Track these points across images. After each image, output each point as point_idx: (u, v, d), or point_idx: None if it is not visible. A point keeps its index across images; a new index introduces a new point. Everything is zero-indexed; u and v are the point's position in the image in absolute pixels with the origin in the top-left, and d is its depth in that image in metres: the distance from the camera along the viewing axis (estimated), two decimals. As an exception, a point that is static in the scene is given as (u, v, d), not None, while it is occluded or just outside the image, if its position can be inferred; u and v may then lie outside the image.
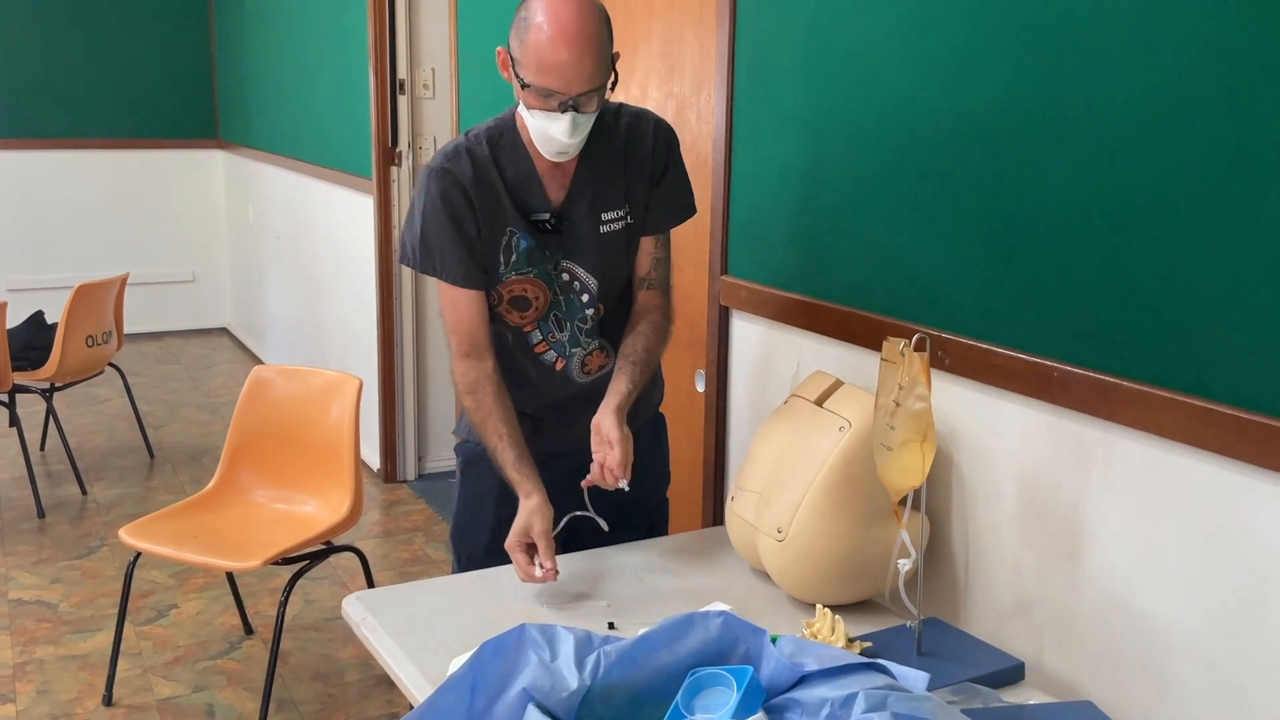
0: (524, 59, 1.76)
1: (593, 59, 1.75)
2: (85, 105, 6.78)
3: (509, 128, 1.94)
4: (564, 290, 1.98)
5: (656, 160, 1.98)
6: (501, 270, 1.95)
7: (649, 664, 1.28)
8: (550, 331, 2.01)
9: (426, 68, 4.55)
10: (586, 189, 1.94)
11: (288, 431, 3.09)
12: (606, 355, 2.04)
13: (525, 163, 1.92)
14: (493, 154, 1.92)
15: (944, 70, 1.77)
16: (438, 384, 4.72)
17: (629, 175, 1.97)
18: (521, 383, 2.03)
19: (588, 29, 1.74)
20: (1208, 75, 1.40)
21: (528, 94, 1.78)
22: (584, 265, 1.97)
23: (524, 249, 1.93)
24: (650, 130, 1.98)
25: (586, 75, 1.75)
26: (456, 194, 1.90)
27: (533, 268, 1.95)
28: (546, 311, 1.99)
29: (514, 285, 1.96)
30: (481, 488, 2.10)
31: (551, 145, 1.83)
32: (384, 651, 1.66)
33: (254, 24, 6.15)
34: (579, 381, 2.04)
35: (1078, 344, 1.59)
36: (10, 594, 3.62)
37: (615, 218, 1.97)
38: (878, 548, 1.77)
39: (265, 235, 6.31)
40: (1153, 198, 1.48)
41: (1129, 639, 1.57)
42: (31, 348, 4.50)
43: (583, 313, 2.00)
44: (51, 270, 6.72)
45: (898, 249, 1.89)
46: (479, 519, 2.11)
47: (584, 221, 1.95)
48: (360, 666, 3.20)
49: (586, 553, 1.98)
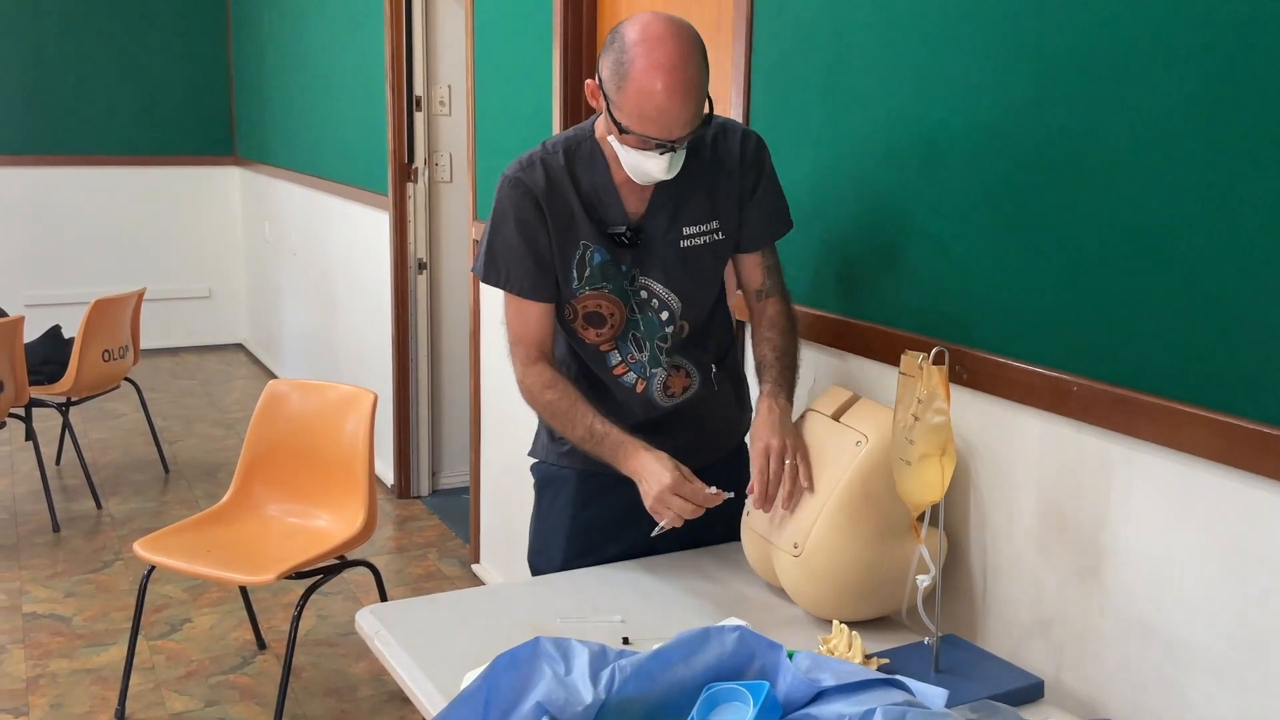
0: (622, 105, 1.71)
1: (695, 104, 1.70)
2: (105, 122, 6.84)
3: (588, 137, 1.88)
4: (642, 308, 1.92)
5: (747, 171, 1.91)
6: (575, 285, 1.89)
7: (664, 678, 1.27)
8: (629, 352, 1.94)
9: (443, 85, 4.57)
10: (668, 202, 1.88)
11: (302, 445, 3.08)
12: (689, 377, 1.98)
13: (603, 174, 1.87)
14: (569, 164, 1.86)
15: (963, 87, 1.76)
16: (452, 400, 4.72)
17: (717, 187, 1.90)
18: (603, 400, 1.95)
19: (690, 75, 1.68)
20: (1234, 88, 1.39)
21: (625, 135, 1.74)
22: (663, 281, 1.91)
23: (598, 263, 1.88)
24: (739, 140, 1.91)
25: (688, 120, 1.71)
26: (527, 204, 1.85)
27: (607, 283, 1.89)
28: (624, 330, 1.93)
29: (588, 301, 1.90)
30: (557, 507, 2.07)
31: (645, 177, 1.79)
32: (397, 665, 1.65)
33: (272, 43, 6.19)
34: (661, 405, 1.98)
35: (1097, 358, 1.58)
36: (25, 607, 3.62)
37: (700, 231, 1.91)
38: (895, 564, 1.75)
39: (281, 251, 6.33)
40: (1175, 211, 1.47)
41: (1150, 658, 1.55)
42: (49, 362, 4.52)
43: (662, 331, 1.93)
44: (69, 285, 6.76)
45: (915, 263, 1.88)
46: (555, 539, 2.07)
47: (664, 235, 1.89)
48: (373, 682, 3.19)
49: (599, 569, 1.97)
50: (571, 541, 2.04)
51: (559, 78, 3.03)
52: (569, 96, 3.03)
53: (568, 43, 3.01)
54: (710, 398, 2.00)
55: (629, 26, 1.72)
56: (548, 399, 1.90)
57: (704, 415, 1.96)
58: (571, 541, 2.04)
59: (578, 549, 2.03)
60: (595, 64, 3.04)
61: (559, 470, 2.06)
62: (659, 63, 1.67)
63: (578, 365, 1.99)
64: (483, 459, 3.85)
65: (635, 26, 1.71)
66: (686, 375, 1.98)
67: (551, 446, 2.07)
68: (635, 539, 1.93)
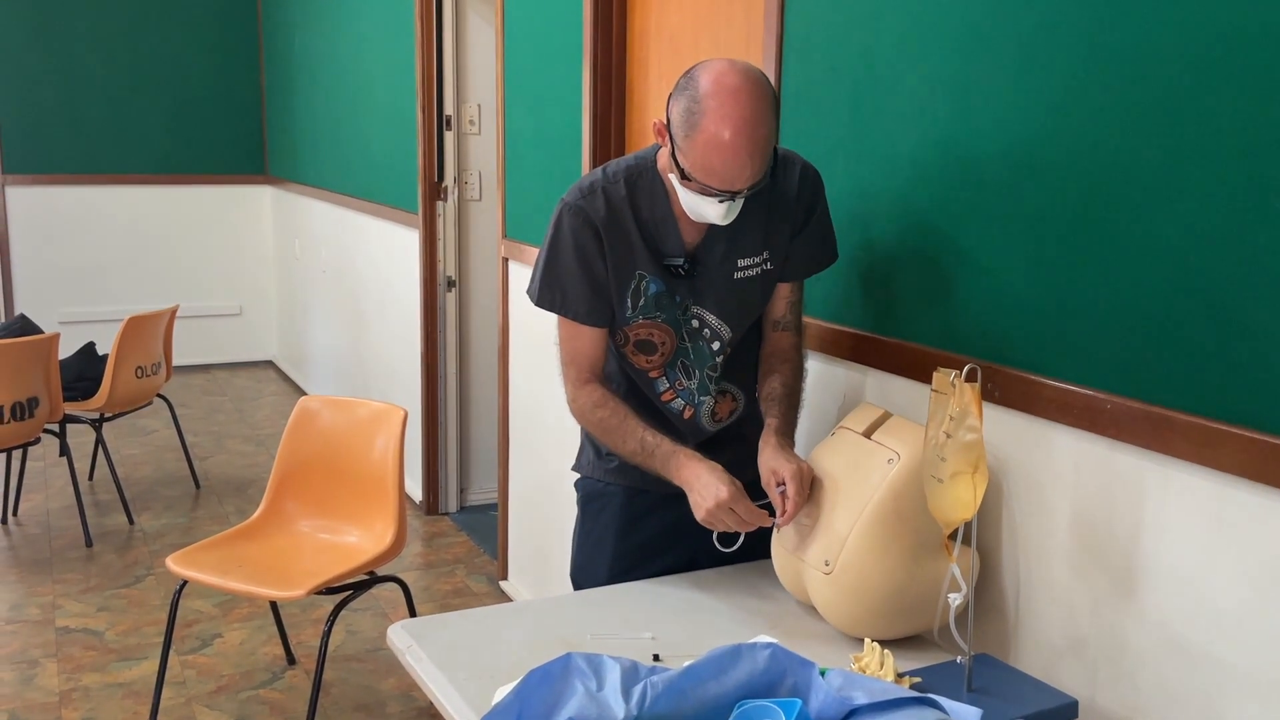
0: (688, 152, 1.69)
1: (761, 160, 1.68)
2: (138, 142, 6.92)
3: (649, 168, 1.88)
4: (692, 337, 1.93)
5: (801, 206, 1.91)
6: (629, 314, 1.90)
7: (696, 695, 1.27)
8: (677, 379, 1.96)
9: (473, 104, 4.60)
10: (723, 233, 1.87)
11: (332, 462, 3.10)
12: (735, 400, 2.00)
13: (663, 205, 1.86)
14: (630, 194, 1.86)
15: (996, 105, 1.76)
16: (480, 417, 4.74)
17: (771, 221, 1.90)
18: (652, 418, 1.94)
19: (760, 133, 1.66)
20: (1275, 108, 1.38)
21: (687, 181, 1.72)
22: (715, 311, 1.92)
23: (653, 293, 1.88)
24: (797, 175, 1.90)
25: (753, 175, 1.69)
26: (587, 232, 1.85)
27: (661, 312, 1.90)
28: (673, 358, 1.94)
29: (640, 329, 1.91)
30: (601, 523, 2.07)
31: (701, 218, 1.78)
32: (428, 679, 1.65)
33: (303, 63, 6.26)
34: (708, 429, 2.00)
35: (1132, 375, 1.57)
36: (58, 622, 3.65)
37: (752, 264, 1.91)
38: (926, 582, 1.74)
39: (311, 269, 6.38)
40: (1210, 229, 1.46)
41: (1187, 679, 1.53)
42: (82, 378, 4.57)
43: (712, 360, 1.94)
44: (103, 303, 6.83)
45: (947, 281, 1.88)
46: (599, 556, 2.07)
47: (718, 267, 1.89)
48: (402, 698, 3.20)
49: (628, 585, 1.97)
50: (617, 559, 2.05)
51: (588, 97, 3.04)
52: (598, 116, 3.05)
53: (597, 63, 3.02)
54: (754, 415, 2.00)
55: (703, 73, 1.69)
56: (599, 417, 1.91)
57: (747, 433, 1.96)
58: (617, 559, 2.05)
59: (623, 566, 2.04)
60: (624, 83, 3.07)
61: (605, 487, 2.06)
62: (730, 117, 1.64)
63: (627, 384, 2.00)
64: (511, 476, 3.86)
65: (709, 75, 1.68)
66: (733, 399, 2.00)
67: (598, 463, 2.08)
68: (679, 556, 1.93)
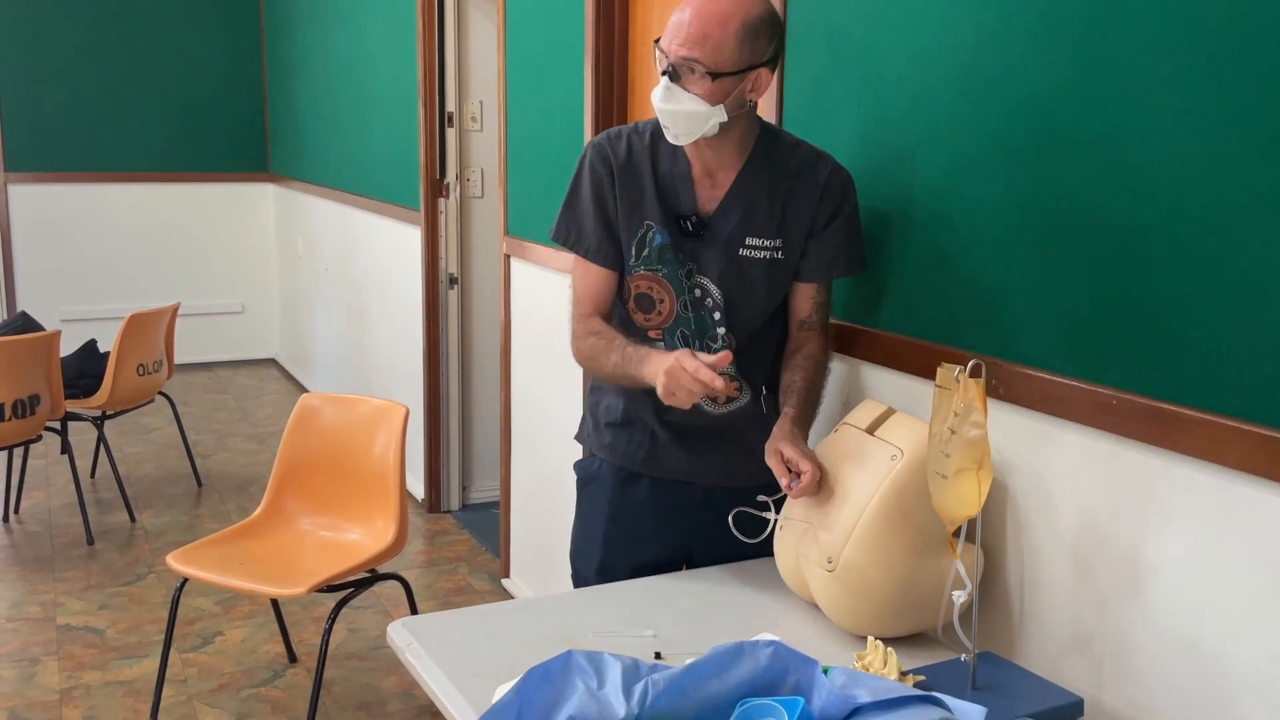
0: None
1: (701, 25, 1.76)
2: (141, 139, 6.91)
3: None
4: (695, 306, 1.95)
5: (823, 204, 1.92)
6: (631, 262, 1.95)
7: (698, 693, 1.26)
8: (676, 347, 1.95)
9: (475, 101, 4.59)
10: (738, 207, 1.92)
11: (334, 459, 3.09)
12: (739, 389, 2.00)
13: (683, 165, 1.93)
14: (652, 146, 1.94)
15: (1000, 98, 1.75)
16: (482, 414, 4.73)
17: (789, 210, 1.92)
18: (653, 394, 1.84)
19: (716, 6, 1.75)
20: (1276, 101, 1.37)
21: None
22: (716, 281, 1.94)
23: (657, 244, 1.93)
24: (825, 172, 1.93)
25: (688, 37, 1.76)
26: (602, 169, 1.94)
27: (663, 266, 1.94)
28: (673, 325, 1.96)
29: (640, 281, 1.95)
30: (595, 507, 2.11)
31: (660, 117, 1.83)
32: (428, 677, 1.64)
33: (305, 61, 6.25)
34: (709, 412, 2.00)
35: (1137, 371, 1.56)
36: (59, 619, 3.65)
37: (762, 246, 1.93)
38: (930, 579, 1.73)
39: (314, 266, 6.38)
40: (1217, 223, 1.44)
41: (1194, 677, 1.52)
42: (84, 376, 4.57)
43: (713, 330, 1.96)
44: (105, 300, 6.83)
45: (950, 276, 1.87)
46: (592, 539, 2.11)
47: (726, 237, 1.92)
48: (403, 696, 3.19)
49: (630, 582, 1.96)
50: (608, 541, 2.07)
51: (590, 94, 3.03)
52: (600, 112, 3.03)
53: (599, 59, 3.01)
54: (759, 418, 1.99)
55: None
56: (589, 342, 1.95)
57: (752, 437, 1.95)
58: (608, 541, 2.07)
59: (615, 548, 2.06)
60: (626, 80, 3.06)
61: (599, 467, 2.10)
62: None
63: None
64: (513, 473, 3.85)
65: None
66: (737, 387, 1.99)
67: (594, 436, 2.12)
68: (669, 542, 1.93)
